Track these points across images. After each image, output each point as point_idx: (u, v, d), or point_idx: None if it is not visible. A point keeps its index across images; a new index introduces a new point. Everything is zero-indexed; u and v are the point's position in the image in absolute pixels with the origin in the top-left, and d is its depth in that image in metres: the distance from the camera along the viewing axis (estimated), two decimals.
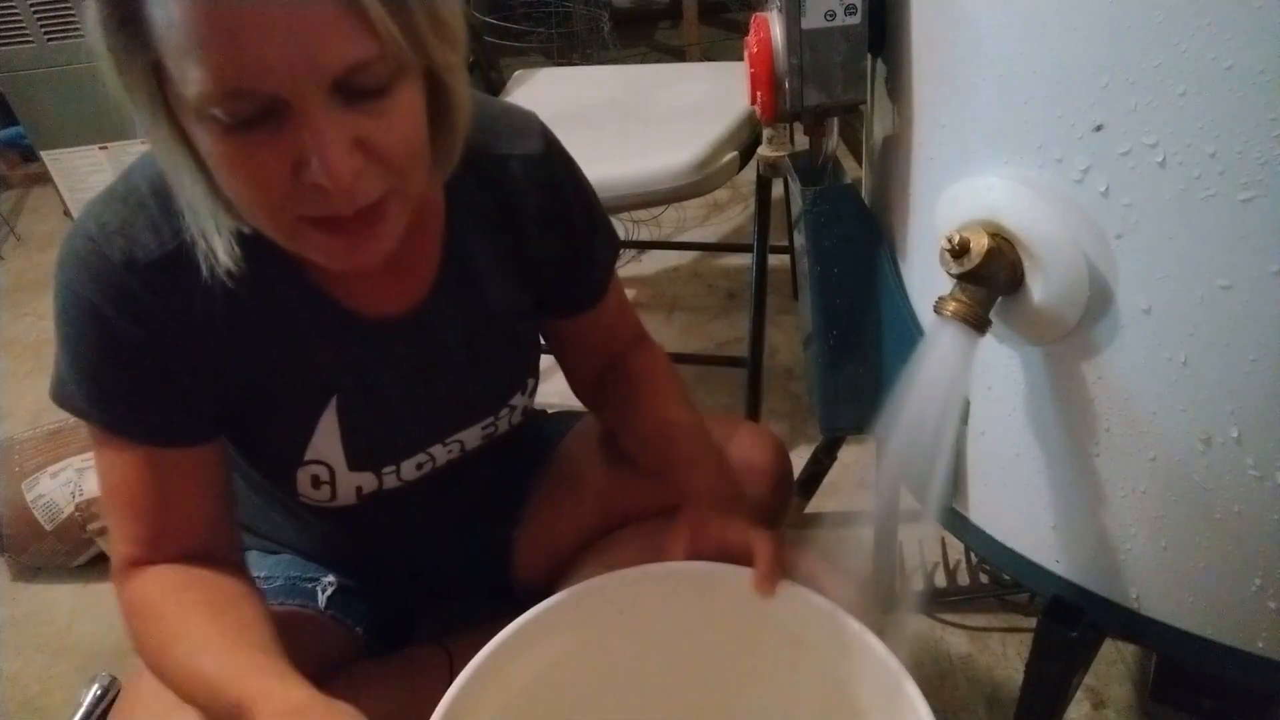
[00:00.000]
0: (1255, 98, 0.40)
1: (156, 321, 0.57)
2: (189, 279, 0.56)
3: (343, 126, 0.47)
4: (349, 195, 0.49)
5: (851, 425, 0.74)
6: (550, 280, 0.73)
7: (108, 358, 0.57)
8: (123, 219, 0.56)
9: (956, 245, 0.48)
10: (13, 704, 1.08)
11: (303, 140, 0.47)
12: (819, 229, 0.66)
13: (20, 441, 1.29)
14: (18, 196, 2.46)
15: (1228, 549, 0.50)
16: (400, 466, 0.71)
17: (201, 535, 0.63)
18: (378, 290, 0.64)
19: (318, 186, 0.48)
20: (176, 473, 0.61)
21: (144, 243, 0.56)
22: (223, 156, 0.48)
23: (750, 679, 0.66)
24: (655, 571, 0.63)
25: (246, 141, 0.47)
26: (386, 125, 0.49)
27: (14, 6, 1.48)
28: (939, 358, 0.51)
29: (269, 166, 0.47)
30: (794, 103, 0.62)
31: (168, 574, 0.61)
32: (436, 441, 0.72)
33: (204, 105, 0.46)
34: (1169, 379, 0.48)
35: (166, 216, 0.56)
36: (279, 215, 0.50)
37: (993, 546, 0.63)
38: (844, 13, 0.59)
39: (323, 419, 0.65)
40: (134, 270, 0.55)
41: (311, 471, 0.67)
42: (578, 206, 0.72)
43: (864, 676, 0.57)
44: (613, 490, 0.82)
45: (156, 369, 0.58)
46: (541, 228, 0.69)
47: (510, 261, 0.69)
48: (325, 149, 0.47)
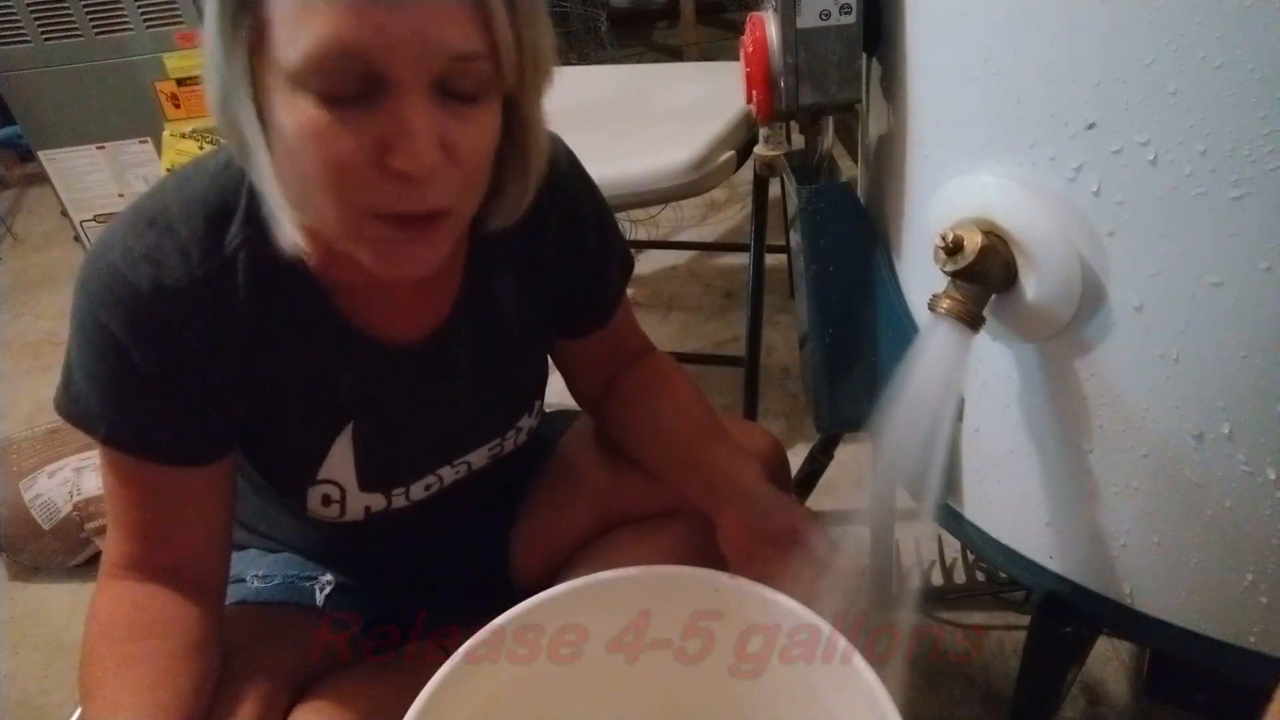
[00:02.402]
0: (1245, 96, 0.40)
1: (178, 348, 0.56)
2: (216, 304, 0.56)
3: (434, 120, 0.48)
4: (426, 187, 0.49)
5: (848, 423, 0.74)
6: (563, 302, 0.74)
7: (122, 382, 0.57)
8: (150, 244, 0.55)
9: (950, 243, 0.48)
10: (11, 703, 1.08)
11: (394, 124, 0.47)
12: (815, 227, 0.66)
13: (18, 441, 1.29)
14: (15, 196, 2.46)
15: (1220, 544, 0.51)
16: (410, 489, 0.71)
17: (188, 555, 0.63)
18: (399, 316, 0.64)
19: (398, 174, 0.48)
20: (176, 492, 0.61)
21: (172, 268, 0.55)
22: (309, 131, 0.47)
23: (733, 685, 0.65)
24: (653, 573, 0.63)
25: (338, 116, 0.47)
26: (469, 134, 0.50)
27: (10, 6, 1.48)
28: (934, 355, 0.51)
29: (353, 146, 0.47)
30: (789, 102, 0.62)
31: (134, 609, 0.61)
32: (446, 464, 0.72)
33: (308, 68, 0.46)
34: (1161, 376, 0.48)
35: (197, 242, 0.55)
36: (347, 201, 0.50)
37: (987, 543, 0.64)
38: (839, 12, 0.59)
39: (337, 443, 0.65)
40: (161, 298, 0.55)
41: (323, 491, 0.67)
42: (594, 230, 0.72)
43: (843, 691, 0.56)
44: (610, 490, 0.82)
45: (171, 393, 0.58)
46: (560, 252, 0.69)
47: (529, 287, 0.70)
48: (416, 134, 0.47)
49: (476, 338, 0.68)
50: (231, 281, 0.57)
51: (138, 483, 0.60)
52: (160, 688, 0.59)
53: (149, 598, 0.62)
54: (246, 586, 0.74)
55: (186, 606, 0.62)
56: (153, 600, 0.62)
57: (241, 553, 0.79)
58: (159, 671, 0.59)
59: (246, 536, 0.80)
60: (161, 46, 1.50)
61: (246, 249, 0.57)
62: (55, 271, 2.12)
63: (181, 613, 0.62)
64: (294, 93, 0.47)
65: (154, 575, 0.62)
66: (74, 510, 1.21)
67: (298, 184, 0.51)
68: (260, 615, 0.73)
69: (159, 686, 0.59)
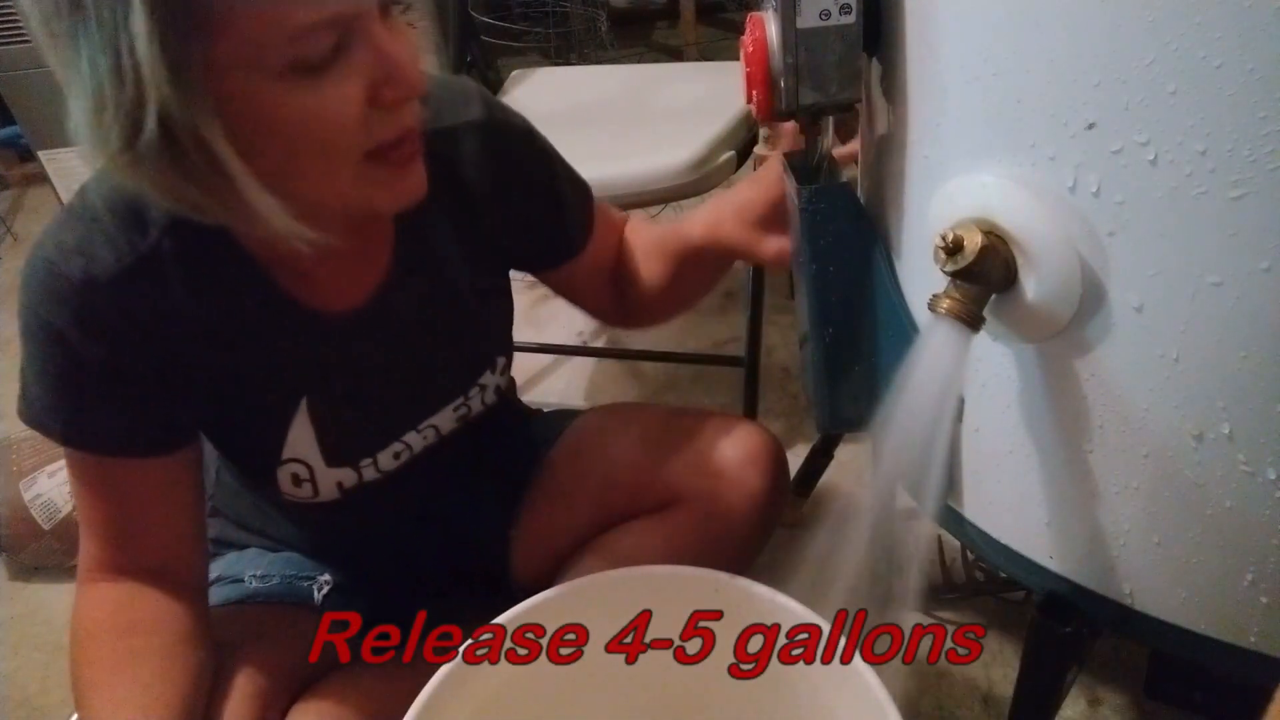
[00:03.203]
0: (1245, 96, 0.40)
1: (119, 336, 0.57)
2: (150, 291, 0.56)
3: (400, 42, 0.50)
4: (407, 107, 0.52)
5: (848, 423, 0.74)
6: (524, 241, 0.73)
7: (70, 376, 0.57)
8: (79, 237, 0.56)
9: (950, 243, 0.48)
10: (11, 703, 1.08)
11: (378, 60, 0.49)
12: (815, 227, 0.66)
13: (18, 441, 1.29)
14: (15, 196, 2.45)
15: (1220, 544, 0.51)
16: (377, 458, 0.71)
17: (161, 552, 0.63)
18: (337, 284, 0.64)
19: (394, 102, 0.50)
20: (139, 487, 0.61)
21: (102, 258, 0.55)
22: (300, 109, 0.48)
23: (733, 685, 0.65)
24: (653, 573, 0.63)
25: (324, 82, 0.48)
26: (409, 44, 0.52)
27: (10, 5, 1.48)
28: (933, 355, 0.51)
29: (345, 99, 0.49)
30: (789, 102, 0.62)
31: (118, 609, 0.61)
32: (410, 429, 0.72)
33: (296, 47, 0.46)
34: (1161, 376, 0.48)
35: (123, 231, 0.56)
36: (350, 157, 0.51)
37: (987, 543, 0.64)
38: (839, 12, 0.59)
39: (295, 420, 0.65)
40: (94, 287, 0.55)
41: (291, 470, 0.67)
42: (530, 162, 0.71)
43: (843, 691, 0.57)
44: (609, 489, 0.82)
45: (120, 384, 0.58)
46: (497, 195, 0.69)
47: (469, 235, 0.69)
48: (399, 55, 0.50)
49: (419, 296, 0.68)
50: (161, 266, 0.57)
51: (101, 481, 0.60)
52: (159, 683, 0.59)
53: (131, 597, 0.62)
54: (245, 586, 0.74)
55: (169, 603, 0.62)
56: (135, 599, 0.62)
57: (241, 552, 0.79)
58: (155, 668, 0.60)
59: (246, 536, 0.80)
60: None
61: (170, 235, 0.57)
62: None
63: (165, 609, 0.62)
64: (284, 81, 0.47)
65: (131, 575, 0.62)
66: (74, 510, 1.21)
67: (294, 172, 0.51)
68: (259, 615, 0.73)
69: (157, 682, 0.59)
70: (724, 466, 0.79)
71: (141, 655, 0.60)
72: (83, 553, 0.63)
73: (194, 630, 0.63)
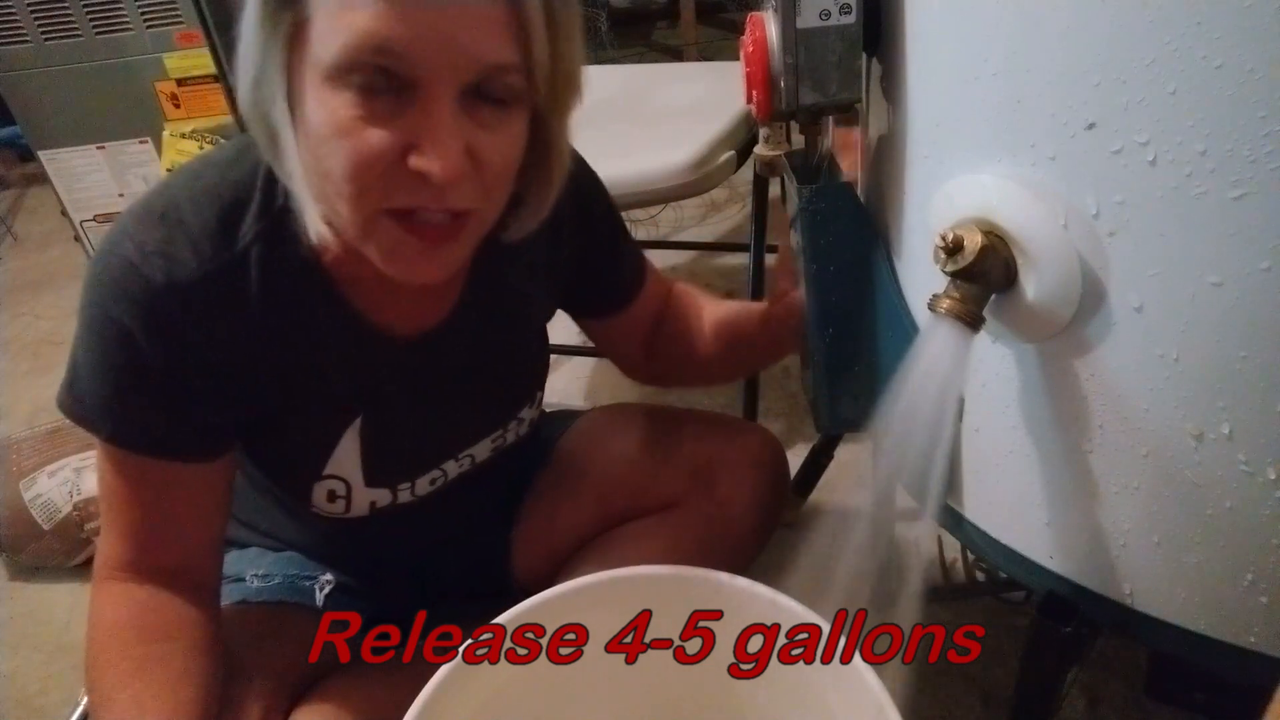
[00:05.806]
0: (1245, 96, 0.40)
1: (188, 343, 0.56)
2: (227, 298, 0.56)
3: (461, 125, 0.49)
4: (448, 191, 0.50)
5: (848, 423, 0.74)
6: (587, 283, 0.74)
7: (129, 376, 0.57)
8: (162, 238, 0.55)
9: (950, 243, 0.48)
10: (10, 703, 1.08)
11: (422, 124, 0.48)
12: (815, 227, 0.66)
13: (18, 441, 1.29)
14: (15, 196, 2.46)
15: (1220, 544, 0.51)
16: (415, 483, 0.71)
17: (184, 557, 0.63)
18: (408, 307, 0.64)
19: (421, 175, 0.48)
20: (177, 490, 0.61)
21: (184, 262, 0.55)
22: (337, 124, 0.48)
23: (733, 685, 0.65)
24: (653, 573, 0.63)
25: (369, 112, 0.47)
26: (496, 143, 0.51)
27: (10, 6, 1.48)
28: (934, 355, 0.51)
29: (379, 141, 0.48)
30: (789, 102, 0.62)
31: (141, 610, 0.61)
32: (450, 457, 0.73)
33: (345, 64, 0.46)
34: (1161, 375, 0.48)
35: (208, 236, 0.56)
36: (366, 199, 0.50)
37: (987, 543, 0.64)
38: (839, 12, 0.59)
39: (345, 437, 0.65)
40: (175, 292, 0.55)
41: (329, 486, 0.68)
42: (604, 208, 0.73)
43: (843, 691, 0.57)
44: (610, 488, 0.82)
45: (178, 388, 0.58)
46: (577, 231, 0.71)
47: (544, 270, 0.70)
48: (443, 138, 0.48)
49: (484, 327, 0.68)
50: (244, 275, 0.57)
51: (139, 481, 0.60)
52: (181, 687, 0.59)
53: (153, 599, 0.62)
54: (247, 586, 0.74)
55: (189, 608, 0.63)
56: (157, 602, 0.62)
57: (243, 551, 0.79)
58: (177, 672, 0.60)
59: (248, 535, 0.80)
60: (161, 46, 1.50)
61: (260, 243, 0.57)
62: (55, 271, 2.12)
63: (186, 613, 0.62)
64: (327, 89, 0.48)
65: (151, 576, 0.62)
66: (74, 510, 1.21)
67: (319, 180, 0.51)
68: (260, 615, 0.73)
69: (180, 686, 0.59)
70: (724, 467, 0.79)
71: (165, 660, 0.60)
72: (103, 550, 0.63)
73: (210, 636, 0.63)
